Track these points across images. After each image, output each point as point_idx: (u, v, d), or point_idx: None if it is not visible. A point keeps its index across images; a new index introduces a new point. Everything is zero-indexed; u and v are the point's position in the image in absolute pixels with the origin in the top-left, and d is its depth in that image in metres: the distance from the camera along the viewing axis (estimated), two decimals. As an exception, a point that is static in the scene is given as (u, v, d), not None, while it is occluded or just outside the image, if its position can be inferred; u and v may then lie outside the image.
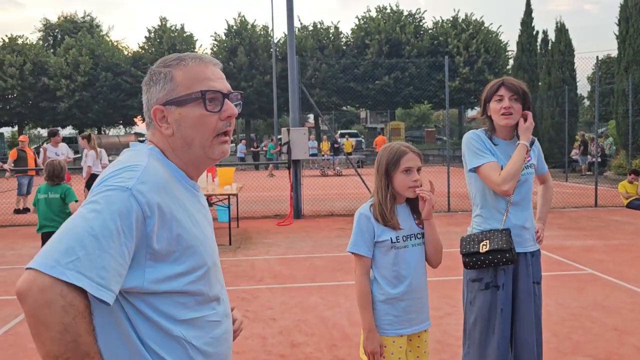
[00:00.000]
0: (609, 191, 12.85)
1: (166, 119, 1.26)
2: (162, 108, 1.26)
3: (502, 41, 36.51)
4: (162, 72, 1.26)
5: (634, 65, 17.47)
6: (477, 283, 2.67)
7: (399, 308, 2.28)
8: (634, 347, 3.95)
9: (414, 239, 2.30)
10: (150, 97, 1.28)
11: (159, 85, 1.26)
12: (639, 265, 6.42)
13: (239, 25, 36.73)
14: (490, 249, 2.55)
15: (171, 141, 1.27)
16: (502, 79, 2.71)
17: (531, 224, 2.74)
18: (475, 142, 2.68)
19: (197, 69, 1.27)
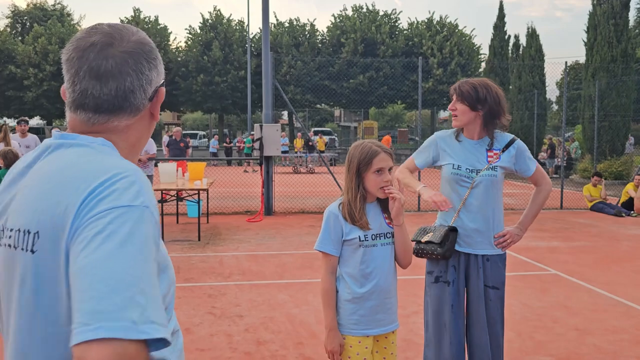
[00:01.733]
0: (574, 194, 13.16)
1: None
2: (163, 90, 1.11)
3: (475, 44, 37.04)
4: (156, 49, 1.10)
5: (600, 72, 17.95)
6: (429, 276, 2.75)
7: (366, 307, 2.26)
8: (594, 347, 4.05)
9: (383, 238, 2.29)
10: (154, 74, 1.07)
11: (159, 65, 1.09)
12: (601, 266, 6.59)
13: (214, 19, 36.34)
14: (428, 240, 2.64)
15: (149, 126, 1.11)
16: (452, 87, 2.77)
17: (489, 228, 2.69)
18: (428, 142, 2.85)
19: None
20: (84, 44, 1.03)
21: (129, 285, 0.83)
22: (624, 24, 18.21)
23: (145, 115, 1.08)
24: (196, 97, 35.43)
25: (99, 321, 0.79)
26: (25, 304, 0.94)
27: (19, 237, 0.95)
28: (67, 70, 1.04)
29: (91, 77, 1.01)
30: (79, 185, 0.92)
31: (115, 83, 1.02)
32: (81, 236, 0.87)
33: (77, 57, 1.02)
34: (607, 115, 17.78)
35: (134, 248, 0.86)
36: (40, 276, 0.92)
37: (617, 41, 18.00)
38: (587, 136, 18.58)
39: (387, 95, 35.37)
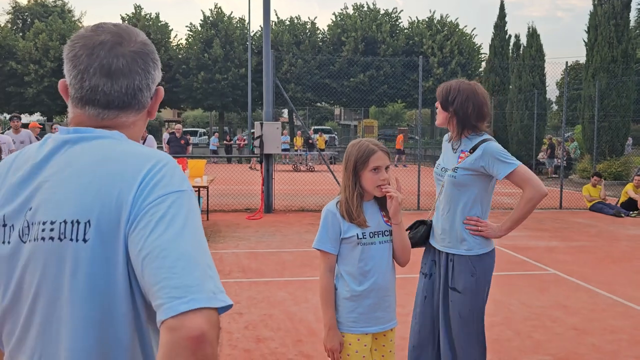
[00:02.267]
0: (573, 194, 13.18)
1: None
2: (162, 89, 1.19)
3: (475, 44, 37.05)
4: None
5: (601, 73, 17.95)
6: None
7: (365, 305, 2.27)
8: (592, 346, 4.06)
9: (381, 235, 2.29)
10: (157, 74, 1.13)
11: (159, 68, 1.15)
12: (600, 266, 6.61)
13: (215, 16, 36.31)
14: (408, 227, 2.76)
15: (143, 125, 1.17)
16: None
17: (453, 229, 2.66)
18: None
19: None
20: (93, 42, 1.06)
21: (200, 261, 0.93)
22: (625, 24, 18.22)
23: (145, 112, 1.14)
24: (197, 95, 35.41)
25: (190, 294, 0.88)
26: (80, 292, 0.97)
27: (65, 228, 0.97)
28: (73, 67, 1.07)
29: (102, 74, 1.05)
30: (126, 174, 0.98)
31: (125, 81, 1.07)
32: (143, 222, 0.94)
33: (85, 55, 1.05)
34: (607, 116, 17.79)
35: (194, 228, 0.96)
36: (96, 263, 0.97)
37: (618, 41, 18.00)
38: (587, 136, 18.60)
39: (388, 94, 35.37)
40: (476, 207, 2.66)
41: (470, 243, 2.64)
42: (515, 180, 2.65)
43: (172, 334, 0.86)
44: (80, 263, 0.97)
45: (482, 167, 2.61)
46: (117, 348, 0.99)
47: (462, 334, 2.63)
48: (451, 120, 2.69)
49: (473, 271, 2.62)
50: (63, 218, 0.98)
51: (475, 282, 2.61)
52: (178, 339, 0.85)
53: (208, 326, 0.87)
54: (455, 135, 2.72)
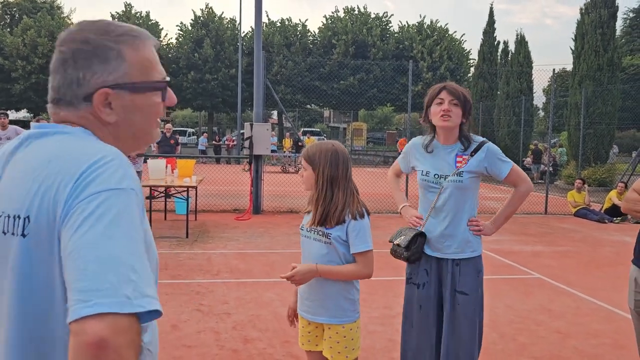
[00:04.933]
0: (558, 199, 13.34)
1: (110, 104, 1.05)
2: (110, 92, 1.04)
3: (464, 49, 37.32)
4: (112, 49, 1.04)
5: (587, 80, 18.20)
6: (405, 276, 2.86)
7: (301, 289, 2.47)
8: (575, 350, 4.13)
9: (316, 234, 2.40)
10: (88, 75, 1.03)
11: (108, 65, 1.04)
12: (583, 271, 6.70)
13: (206, 16, 36.21)
14: (398, 242, 2.72)
15: (111, 129, 1.07)
16: (445, 84, 2.73)
17: (458, 232, 2.68)
18: (405, 148, 2.97)
19: (148, 50, 1.10)
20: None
21: (121, 264, 0.88)
22: (611, 33, 18.49)
23: (90, 114, 1.05)
24: (186, 94, 35.26)
25: (96, 298, 0.84)
26: (15, 286, 0.97)
27: (9, 223, 0.98)
28: None
29: (50, 70, 1.09)
30: (67, 171, 0.95)
31: (58, 76, 1.06)
32: (71, 220, 0.91)
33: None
34: (593, 123, 18.04)
35: (122, 229, 0.90)
36: (33, 259, 0.96)
37: (604, 50, 18.26)
38: (573, 143, 18.83)
39: (377, 97, 35.51)
40: (475, 208, 2.78)
41: (474, 244, 2.71)
42: (512, 178, 2.76)
43: (74, 338, 0.84)
44: (18, 258, 0.97)
45: (485, 167, 2.69)
46: (53, 345, 0.98)
47: (468, 333, 2.67)
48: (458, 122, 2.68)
49: (479, 271, 2.72)
50: (7, 212, 0.99)
51: (480, 281, 2.72)
52: (79, 343, 0.83)
53: (110, 332, 0.83)
54: (454, 138, 2.70)
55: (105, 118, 1.05)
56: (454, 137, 2.71)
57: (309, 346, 2.50)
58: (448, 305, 2.68)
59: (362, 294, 5.44)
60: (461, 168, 2.65)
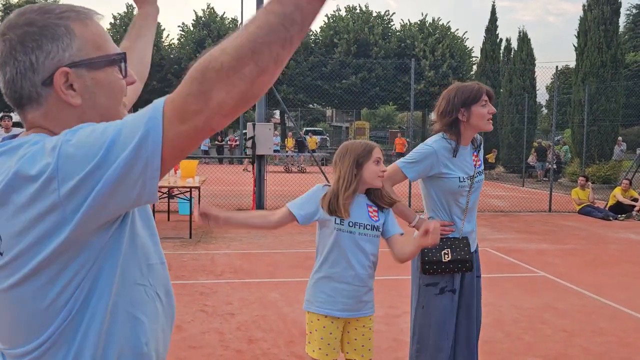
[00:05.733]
0: (562, 197, 13.29)
1: (72, 86, 0.97)
2: (69, 71, 0.95)
3: (467, 47, 37.24)
4: (59, 25, 0.96)
5: (590, 77, 18.13)
6: (432, 287, 2.67)
7: (331, 288, 2.42)
8: (581, 348, 4.11)
9: (362, 228, 2.43)
10: (41, 56, 0.95)
11: (60, 42, 0.95)
12: (589, 269, 6.67)
13: (207, 16, 36.24)
14: (452, 258, 2.61)
15: (79, 113, 0.98)
16: (481, 85, 2.65)
17: (475, 227, 2.83)
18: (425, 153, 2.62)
19: (96, 25, 1.02)
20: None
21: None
22: (614, 29, 18.41)
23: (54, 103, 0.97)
24: (188, 95, 35.31)
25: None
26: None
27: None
28: None
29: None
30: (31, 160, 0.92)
31: (7, 68, 0.97)
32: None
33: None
34: (596, 120, 17.97)
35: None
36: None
37: (607, 47, 18.19)
38: (576, 140, 18.76)
39: (379, 96, 35.47)
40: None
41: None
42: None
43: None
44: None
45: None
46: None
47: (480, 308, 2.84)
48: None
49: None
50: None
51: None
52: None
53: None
54: (470, 140, 2.72)
55: (70, 101, 0.97)
56: (471, 137, 2.74)
57: (334, 355, 2.45)
58: (469, 296, 2.75)
59: (367, 294, 5.43)
60: (479, 167, 2.74)
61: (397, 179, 2.69)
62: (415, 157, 2.63)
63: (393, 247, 2.48)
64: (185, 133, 0.85)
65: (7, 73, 0.97)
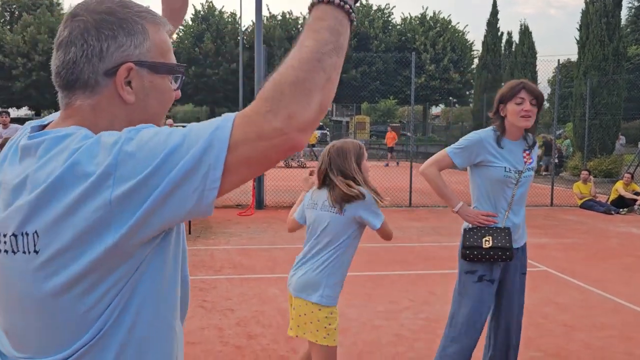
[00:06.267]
0: (564, 191, 13.25)
1: (129, 83, 0.96)
2: (134, 67, 0.95)
3: (468, 40, 37.16)
4: (137, 22, 0.96)
5: (592, 71, 18.04)
6: (470, 275, 2.74)
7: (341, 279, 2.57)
8: (582, 343, 4.08)
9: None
10: (111, 49, 0.94)
11: (135, 38, 0.95)
12: (590, 263, 6.64)
13: (206, 10, 36.14)
14: (493, 245, 2.66)
15: (128, 111, 0.97)
16: (523, 82, 2.77)
17: (523, 221, 2.87)
18: (473, 140, 2.77)
19: (164, 33, 1.02)
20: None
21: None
22: (616, 22, 18.30)
23: (108, 95, 0.95)
24: (187, 90, 35.22)
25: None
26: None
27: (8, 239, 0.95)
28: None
29: (55, 49, 0.98)
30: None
31: (62, 53, 0.95)
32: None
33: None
34: (598, 114, 17.89)
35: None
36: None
37: (609, 39, 18.09)
38: (578, 134, 18.70)
39: (380, 90, 35.40)
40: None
41: (525, 229, 2.93)
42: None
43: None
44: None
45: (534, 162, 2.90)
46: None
47: (521, 309, 2.91)
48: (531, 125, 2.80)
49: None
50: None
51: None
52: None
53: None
54: (519, 136, 2.81)
55: (126, 96, 0.95)
56: (520, 134, 2.81)
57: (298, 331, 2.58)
58: (513, 293, 2.80)
59: (366, 289, 5.42)
60: (530, 164, 2.80)
61: (443, 164, 2.81)
62: (463, 144, 2.78)
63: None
64: (262, 149, 0.83)
65: (69, 53, 0.94)
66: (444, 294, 4.94)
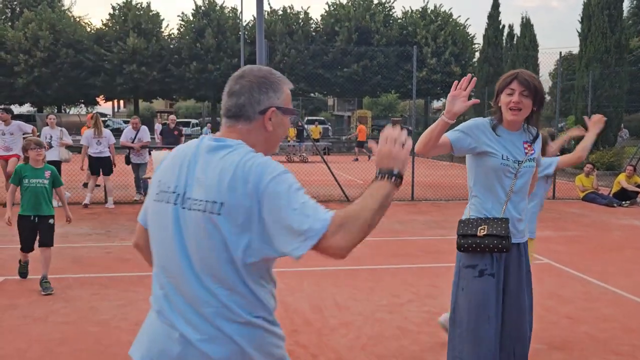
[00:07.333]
0: (566, 184, 13.23)
1: (270, 119, 1.57)
2: (275, 110, 1.57)
3: (469, 34, 36.98)
4: (280, 84, 1.60)
5: (594, 63, 17.98)
6: (471, 269, 2.64)
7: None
8: (586, 335, 4.09)
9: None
10: (264, 99, 1.57)
11: (278, 94, 1.59)
12: (592, 256, 6.64)
13: (207, 6, 36.02)
14: (488, 233, 2.57)
15: (266, 136, 1.59)
16: (517, 72, 2.65)
17: (525, 216, 2.76)
18: (472, 126, 2.67)
19: (289, 89, 1.65)
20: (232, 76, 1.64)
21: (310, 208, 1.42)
22: (618, 14, 18.23)
23: (257, 125, 1.57)
24: (189, 85, 35.19)
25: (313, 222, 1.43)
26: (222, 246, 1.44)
27: (207, 206, 1.43)
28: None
29: (226, 95, 1.60)
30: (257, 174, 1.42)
31: (235, 99, 1.58)
32: (271, 196, 1.40)
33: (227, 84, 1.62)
34: (600, 106, 17.83)
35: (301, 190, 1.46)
36: (220, 228, 1.42)
37: (611, 32, 18.02)
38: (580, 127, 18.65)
39: (381, 84, 35.31)
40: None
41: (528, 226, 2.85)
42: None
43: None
44: (213, 228, 1.45)
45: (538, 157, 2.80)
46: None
47: (531, 308, 2.80)
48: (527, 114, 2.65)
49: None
50: (207, 198, 1.45)
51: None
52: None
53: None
54: (517, 127, 2.70)
55: (268, 127, 1.57)
56: (519, 125, 2.70)
57: None
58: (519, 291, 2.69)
59: (369, 282, 5.43)
60: (532, 155, 2.70)
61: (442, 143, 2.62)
62: (459, 127, 2.70)
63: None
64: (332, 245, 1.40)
65: (240, 99, 1.56)
66: (447, 287, 4.94)
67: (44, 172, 5.02)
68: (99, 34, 35.43)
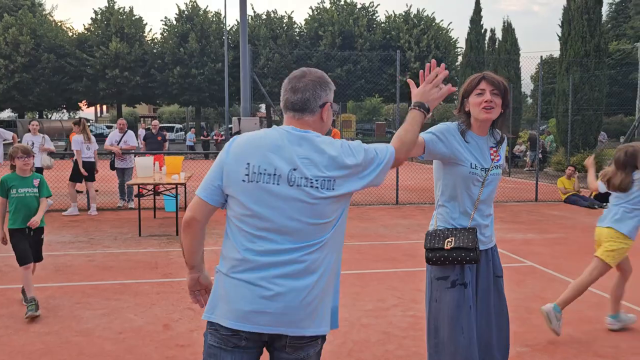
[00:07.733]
0: (548, 187, 13.39)
1: (326, 111, 1.99)
2: (331, 103, 2.01)
3: (452, 38, 37.33)
4: (331, 85, 2.03)
5: (574, 67, 18.25)
6: (443, 281, 2.60)
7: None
8: (568, 337, 4.14)
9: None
10: (323, 95, 1.97)
11: (331, 92, 2.01)
12: (575, 258, 6.72)
13: (190, 10, 35.90)
14: (455, 246, 2.52)
15: (322, 125, 1.99)
16: (483, 73, 2.61)
17: (491, 222, 2.72)
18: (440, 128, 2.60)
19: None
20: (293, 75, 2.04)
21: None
22: (597, 19, 18.53)
23: (318, 117, 1.97)
24: (172, 90, 34.99)
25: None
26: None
27: (320, 182, 1.86)
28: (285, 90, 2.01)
29: (291, 92, 1.98)
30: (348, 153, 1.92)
31: (300, 95, 1.96)
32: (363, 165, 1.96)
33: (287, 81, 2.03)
34: (580, 109, 18.11)
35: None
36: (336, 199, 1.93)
37: (591, 36, 18.30)
38: (561, 130, 18.90)
39: (365, 88, 35.47)
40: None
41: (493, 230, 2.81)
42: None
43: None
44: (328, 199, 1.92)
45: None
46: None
47: (507, 310, 2.77)
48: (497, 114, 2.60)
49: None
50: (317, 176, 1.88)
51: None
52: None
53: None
54: (485, 131, 2.64)
55: (325, 118, 1.99)
56: (487, 128, 2.64)
57: None
58: (488, 296, 2.66)
59: (355, 287, 5.43)
60: (498, 161, 2.65)
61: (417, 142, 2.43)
62: (433, 129, 2.60)
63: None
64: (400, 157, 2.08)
65: (305, 94, 1.94)
66: (431, 291, 4.97)
67: (32, 180, 4.74)
68: (80, 38, 35.09)
